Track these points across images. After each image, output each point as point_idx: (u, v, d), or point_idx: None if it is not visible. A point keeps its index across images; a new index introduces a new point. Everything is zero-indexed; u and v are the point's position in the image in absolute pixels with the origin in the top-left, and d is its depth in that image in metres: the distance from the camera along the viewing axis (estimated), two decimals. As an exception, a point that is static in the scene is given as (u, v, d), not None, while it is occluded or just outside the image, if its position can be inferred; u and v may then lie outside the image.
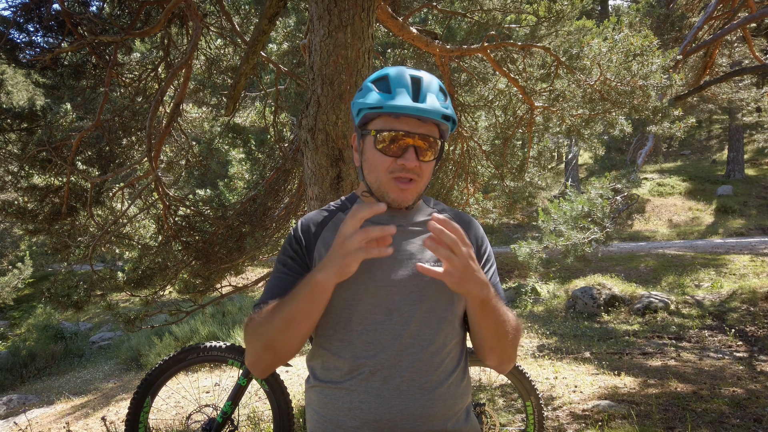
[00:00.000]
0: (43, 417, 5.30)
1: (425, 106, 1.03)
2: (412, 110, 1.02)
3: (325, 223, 1.16)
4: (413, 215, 1.19)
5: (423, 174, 1.10)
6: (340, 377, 1.06)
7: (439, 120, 1.06)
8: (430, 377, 1.04)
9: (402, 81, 1.07)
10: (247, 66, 2.91)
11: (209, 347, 2.59)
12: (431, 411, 1.03)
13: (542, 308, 8.40)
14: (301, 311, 0.98)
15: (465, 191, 5.04)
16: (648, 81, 3.67)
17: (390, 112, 1.04)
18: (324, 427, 1.07)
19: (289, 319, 0.99)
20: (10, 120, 3.28)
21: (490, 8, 4.05)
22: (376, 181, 1.11)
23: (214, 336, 7.95)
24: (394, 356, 1.03)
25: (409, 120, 1.05)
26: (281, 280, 1.11)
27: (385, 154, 1.07)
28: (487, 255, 1.21)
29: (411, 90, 1.05)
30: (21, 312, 13.17)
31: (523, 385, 2.71)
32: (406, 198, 1.10)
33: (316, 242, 1.14)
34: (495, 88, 4.60)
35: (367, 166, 1.13)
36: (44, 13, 3.23)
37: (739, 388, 4.05)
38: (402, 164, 1.06)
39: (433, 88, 1.08)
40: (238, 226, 3.79)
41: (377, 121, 1.09)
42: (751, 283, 7.19)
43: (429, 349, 1.05)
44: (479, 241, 1.21)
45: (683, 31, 8.41)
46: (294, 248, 1.14)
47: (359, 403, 1.02)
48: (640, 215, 15.52)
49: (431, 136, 1.07)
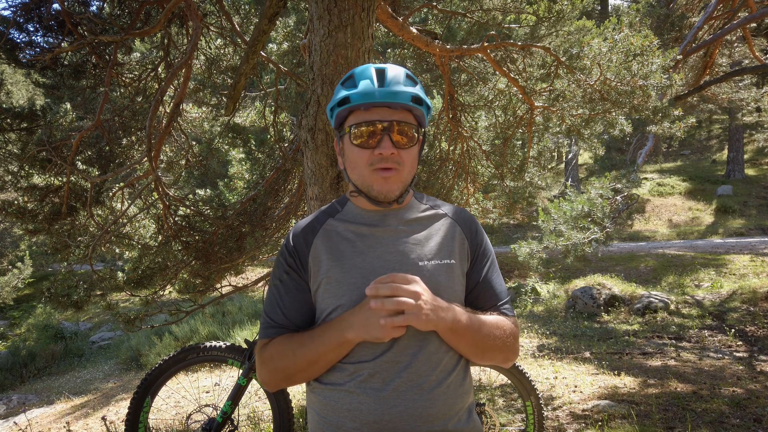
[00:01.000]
0: (43, 417, 5.30)
1: (390, 89, 1.03)
2: (378, 95, 1.03)
3: (315, 232, 1.15)
4: (405, 213, 1.17)
5: (404, 162, 1.09)
6: (340, 379, 1.06)
7: (410, 104, 1.06)
8: (428, 377, 1.04)
9: (366, 73, 1.08)
10: (247, 66, 2.91)
11: (209, 347, 2.59)
12: (431, 411, 1.02)
13: (542, 308, 8.40)
14: (327, 358, 1.03)
15: (465, 191, 5.04)
16: (648, 81, 3.67)
17: (359, 104, 1.05)
18: (325, 428, 1.07)
19: (312, 362, 1.03)
20: (10, 120, 3.27)
21: (490, 8, 4.05)
22: (360, 177, 1.11)
23: (214, 336, 7.95)
24: (393, 358, 1.03)
25: (379, 110, 1.06)
26: (279, 299, 1.12)
27: (362, 148, 1.08)
28: (484, 249, 1.20)
29: (375, 79, 1.06)
30: (21, 312, 13.17)
31: (523, 385, 2.71)
32: (391, 188, 1.08)
33: (309, 253, 1.12)
34: (495, 88, 4.60)
35: (349, 165, 1.13)
36: (44, 13, 3.22)
37: (739, 388, 4.05)
38: (379, 154, 1.06)
39: (399, 75, 1.08)
40: (238, 226, 3.79)
41: (350, 118, 1.10)
42: (751, 283, 7.19)
43: (427, 349, 1.05)
44: (475, 234, 1.19)
45: (683, 31, 8.41)
46: (288, 262, 1.13)
47: (359, 404, 1.02)
48: (640, 215, 15.51)
49: (405, 122, 1.07)
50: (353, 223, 1.14)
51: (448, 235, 1.15)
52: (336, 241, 1.12)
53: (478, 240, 1.19)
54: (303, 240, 1.13)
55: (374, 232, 1.12)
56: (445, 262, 1.11)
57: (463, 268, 1.15)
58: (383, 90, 1.04)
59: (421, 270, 1.08)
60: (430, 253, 1.11)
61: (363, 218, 1.15)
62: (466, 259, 1.16)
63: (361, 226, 1.14)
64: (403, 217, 1.16)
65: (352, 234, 1.12)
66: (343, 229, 1.14)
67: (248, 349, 2.57)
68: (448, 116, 4.30)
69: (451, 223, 1.18)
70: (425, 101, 1.09)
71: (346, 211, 1.18)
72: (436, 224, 1.17)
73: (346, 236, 1.12)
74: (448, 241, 1.15)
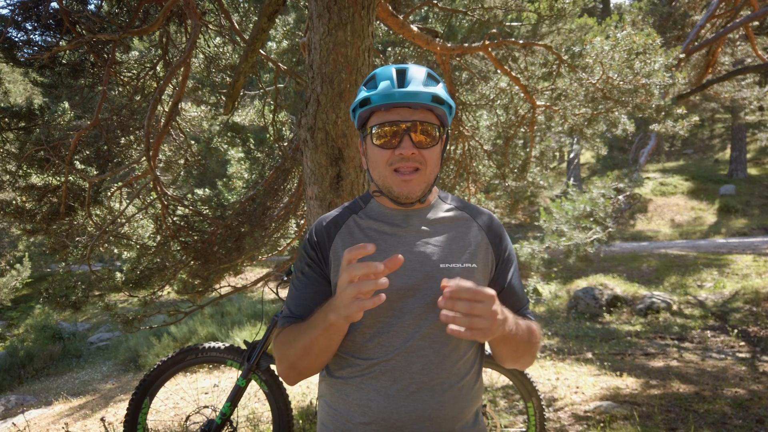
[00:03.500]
0: (41, 418, 5.28)
1: (409, 89, 1.03)
2: (397, 96, 1.03)
3: (338, 226, 1.15)
4: (428, 212, 1.16)
5: (427, 162, 1.08)
6: (351, 374, 1.07)
7: (431, 104, 1.05)
8: (440, 379, 1.04)
9: (387, 74, 1.08)
10: (246, 64, 2.89)
11: (208, 348, 2.57)
12: (440, 413, 1.03)
13: (544, 309, 8.37)
14: (319, 344, 1.00)
15: (467, 191, 5.01)
16: (651, 79, 3.64)
17: (381, 105, 1.05)
18: (335, 420, 1.09)
19: (308, 348, 1.02)
20: (8, 119, 3.25)
21: (491, 6, 4.02)
22: (380, 177, 1.10)
23: (213, 337, 7.93)
24: (405, 357, 1.04)
25: (400, 110, 1.06)
26: (300, 290, 1.12)
27: (382, 148, 1.07)
28: (508, 254, 1.18)
29: (395, 80, 1.06)
30: (19, 312, 13.16)
31: (525, 386, 2.69)
32: (412, 189, 1.08)
33: (330, 247, 1.13)
34: (496, 87, 4.57)
35: (371, 165, 1.13)
36: (42, 12, 3.20)
37: (742, 389, 4.02)
38: (399, 154, 1.05)
39: (420, 75, 1.08)
40: (237, 226, 3.76)
41: (372, 118, 1.10)
42: (754, 283, 7.16)
43: (441, 351, 1.05)
44: (500, 240, 1.18)
45: (685, 29, 8.38)
46: (310, 255, 1.14)
47: (368, 401, 1.03)
48: (643, 215, 15.47)
49: (427, 122, 1.07)
50: (376, 221, 1.14)
51: (471, 239, 1.14)
52: (358, 238, 1.12)
53: (503, 247, 1.18)
54: (326, 234, 1.14)
55: (397, 232, 1.12)
56: (467, 266, 1.10)
57: (484, 273, 1.14)
58: (403, 91, 1.03)
59: (443, 272, 1.07)
60: (452, 256, 1.10)
61: (386, 217, 1.15)
62: (490, 264, 1.15)
63: (384, 224, 1.14)
64: (426, 217, 1.15)
65: (374, 232, 1.12)
66: (366, 226, 1.14)
67: (247, 351, 2.54)
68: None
69: (475, 226, 1.17)
70: (447, 101, 1.08)
71: (369, 208, 1.18)
72: (461, 227, 1.16)
73: (369, 234, 1.12)
74: (472, 245, 1.13)
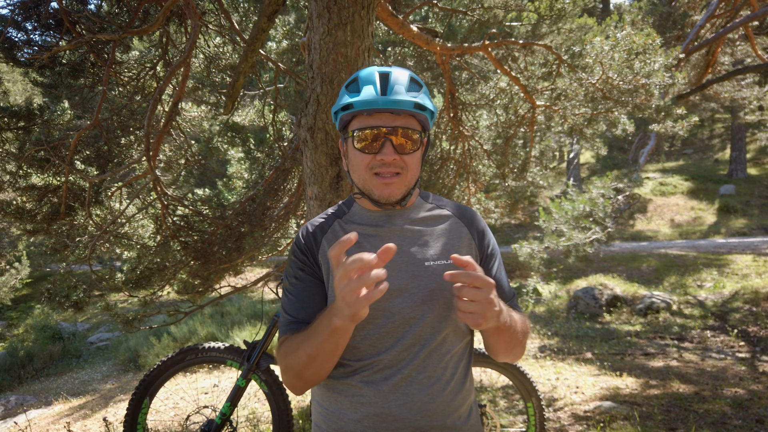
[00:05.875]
0: (41, 418, 5.28)
1: (392, 98, 1.04)
2: (380, 103, 1.04)
3: (324, 231, 1.16)
4: (410, 212, 1.18)
5: (408, 167, 1.10)
6: (343, 373, 1.08)
7: (413, 110, 1.06)
8: (429, 374, 1.06)
9: (370, 78, 1.08)
10: (246, 64, 2.88)
11: (208, 348, 2.57)
12: (430, 406, 1.05)
13: (544, 309, 8.37)
14: (324, 350, 0.99)
15: (466, 191, 5.01)
16: (651, 79, 3.64)
17: (363, 110, 1.05)
18: (327, 419, 1.10)
19: (313, 356, 1.01)
20: (8, 119, 3.25)
21: (491, 6, 4.02)
22: (360, 180, 1.12)
23: (213, 337, 7.92)
24: (396, 355, 1.06)
25: (382, 115, 1.07)
26: (297, 294, 1.12)
27: (363, 152, 1.08)
28: (491, 249, 1.21)
29: (378, 85, 1.06)
30: (19, 312, 13.15)
31: (525, 386, 2.69)
32: (392, 192, 1.09)
33: (318, 251, 1.14)
34: (496, 87, 4.57)
35: (351, 167, 1.15)
36: (42, 11, 3.20)
37: (741, 389, 4.03)
38: (381, 159, 1.07)
39: (402, 80, 1.08)
40: (237, 226, 3.76)
41: (354, 122, 1.11)
42: (754, 283, 7.16)
43: (429, 347, 1.07)
44: (483, 235, 1.20)
45: (685, 29, 8.38)
46: (301, 258, 1.14)
47: (360, 396, 1.05)
48: (642, 215, 15.47)
49: (408, 128, 1.08)
50: (359, 225, 1.16)
51: (454, 236, 1.16)
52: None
53: (486, 242, 1.20)
54: (313, 239, 1.15)
55: (380, 233, 1.13)
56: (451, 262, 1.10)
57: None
58: (386, 98, 1.04)
59: (427, 270, 1.09)
60: (436, 254, 1.12)
61: (368, 219, 1.16)
62: (474, 259, 1.16)
63: (367, 227, 1.15)
64: (408, 216, 1.17)
65: (359, 235, 1.13)
66: (350, 230, 1.15)
67: (247, 351, 2.54)
68: (449, 115, 4.27)
69: (457, 223, 1.19)
70: (428, 107, 1.09)
71: (353, 212, 1.20)
72: (442, 224, 1.18)
73: None
74: (455, 241, 1.16)
